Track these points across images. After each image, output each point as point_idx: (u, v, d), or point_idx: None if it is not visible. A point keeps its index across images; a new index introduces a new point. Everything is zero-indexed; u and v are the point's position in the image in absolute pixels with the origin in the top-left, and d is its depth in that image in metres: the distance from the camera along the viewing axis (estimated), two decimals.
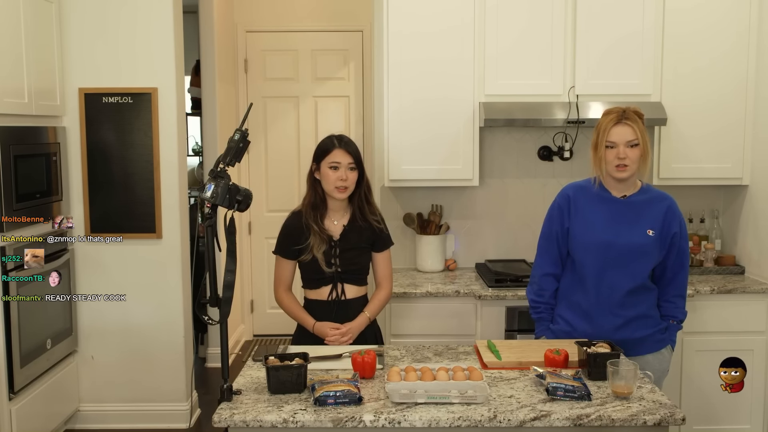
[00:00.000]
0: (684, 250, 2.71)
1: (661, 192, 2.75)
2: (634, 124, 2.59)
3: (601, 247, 2.65)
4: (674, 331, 2.77)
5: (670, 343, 2.76)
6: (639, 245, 2.63)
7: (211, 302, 2.25)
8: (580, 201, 2.72)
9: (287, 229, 2.90)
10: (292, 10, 5.73)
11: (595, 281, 2.67)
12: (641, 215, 2.66)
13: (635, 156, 2.59)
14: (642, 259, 2.65)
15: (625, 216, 2.66)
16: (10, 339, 3.38)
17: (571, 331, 2.72)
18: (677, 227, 2.67)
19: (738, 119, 3.76)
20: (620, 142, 2.58)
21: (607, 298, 2.66)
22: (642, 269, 2.65)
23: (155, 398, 4.17)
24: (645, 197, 2.69)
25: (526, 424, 2.05)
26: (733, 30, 3.71)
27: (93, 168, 4.01)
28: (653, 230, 2.64)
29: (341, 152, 2.80)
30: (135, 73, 3.99)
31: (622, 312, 2.66)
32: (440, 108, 3.70)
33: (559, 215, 2.75)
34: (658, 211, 2.66)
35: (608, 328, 2.66)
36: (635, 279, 2.65)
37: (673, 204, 2.70)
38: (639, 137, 2.59)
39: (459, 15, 3.66)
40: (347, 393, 2.11)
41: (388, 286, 2.99)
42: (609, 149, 2.60)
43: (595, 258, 2.66)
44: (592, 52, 3.66)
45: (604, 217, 2.67)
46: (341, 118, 5.83)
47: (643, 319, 2.69)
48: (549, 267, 2.80)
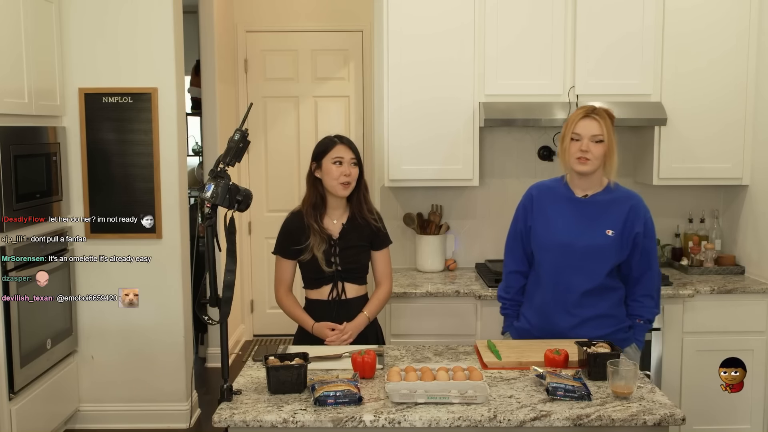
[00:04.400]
0: (649, 249, 2.69)
1: (627, 191, 2.74)
2: (601, 120, 2.60)
3: (559, 247, 2.66)
4: (640, 330, 2.74)
5: (634, 342, 2.73)
6: (597, 246, 2.63)
7: (211, 302, 2.25)
8: (544, 200, 2.75)
9: (287, 229, 2.90)
10: (292, 10, 5.73)
11: (552, 281, 2.69)
12: (602, 215, 2.65)
13: (598, 152, 2.60)
14: (600, 259, 2.64)
15: (586, 216, 2.66)
16: (10, 339, 3.38)
17: (530, 328, 2.75)
18: (641, 227, 2.65)
19: (738, 119, 3.76)
20: (585, 135, 2.60)
21: (563, 297, 2.67)
22: (599, 270, 2.64)
23: (155, 398, 4.17)
24: (609, 197, 2.68)
25: (526, 424, 2.05)
26: (733, 30, 3.71)
27: (93, 168, 4.01)
28: (613, 230, 2.63)
29: (344, 147, 2.82)
30: (135, 73, 3.99)
31: (578, 312, 2.66)
32: (440, 108, 3.70)
33: (523, 214, 2.80)
34: (621, 210, 2.65)
35: (564, 327, 2.67)
36: (592, 280, 2.64)
37: (638, 204, 2.69)
38: (604, 134, 2.59)
39: (459, 15, 3.67)
40: (347, 393, 2.11)
41: (388, 284, 2.99)
42: (573, 141, 2.62)
43: (553, 258, 2.68)
44: (592, 52, 3.66)
45: (564, 217, 2.68)
46: (341, 118, 5.83)
47: (601, 319, 2.67)
48: (515, 265, 2.83)
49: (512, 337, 2.84)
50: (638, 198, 2.72)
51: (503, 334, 2.91)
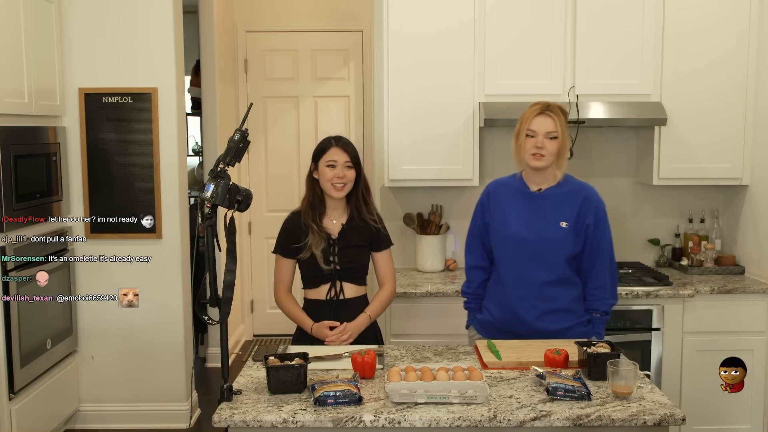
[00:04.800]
0: (599, 240, 2.74)
1: (581, 183, 2.80)
2: (556, 117, 2.68)
3: (515, 240, 2.74)
4: (599, 323, 2.79)
5: (594, 335, 2.78)
6: (552, 237, 2.70)
7: (211, 302, 2.25)
8: (499, 196, 2.83)
9: (287, 229, 2.91)
10: (292, 10, 5.73)
11: (512, 274, 2.76)
12: (555, 208, 2.73)
13: (553, 148, 2.67)
14: (556, 250, 2.70)
15: (539, 209, 2.73)
16: (10, 339, 3.38)
17: (493, 321, 2.83)
18: (591, 219, 2.71)
19: (738, 119, 3.76)
20: (540, 132, 2.67)
21: (523, 290, 2.74)
22: (557, 261, 2.71)
23: (155, 398, 4.17)
24: (562, 190, 2.75)
25: (526, 424, 2.06)
26: (733, 30, 3.71)
27: (93, 168, 4.01)
28: (567, 222, 2.71)
29: (338, 150, 2.82)
30: (135, 73, 3.99)
31: (539, 304, 2.72)
32: (440, 108, 3.70)
33: (480, 211, 2.88)
34: (573, 202, 2.72)
35: (525, 319, 2.74)
36: (551, 271, 2.71)
37: (591, 195, 2.75)
38: (559, 131, 2.67)
39: (459, 15, 3.66)
40: (347, 393, 2.11)
41: (391, 285, 2.99)
42: (529, 138, 2.69)
43: (511, 251, 2.76)
44: (592, 51, 3.66)
45: (519, 212, 2.76)
46: (341, 118, 5.83)
47: (560, 312, 2.73)
48: (475, 260, 2.92)
49: (476, 330, 2.92)
50: (591, 190, 2.78)
51: (467, 328, 2.99)
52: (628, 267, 3.90)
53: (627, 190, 4.10)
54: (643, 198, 4.11)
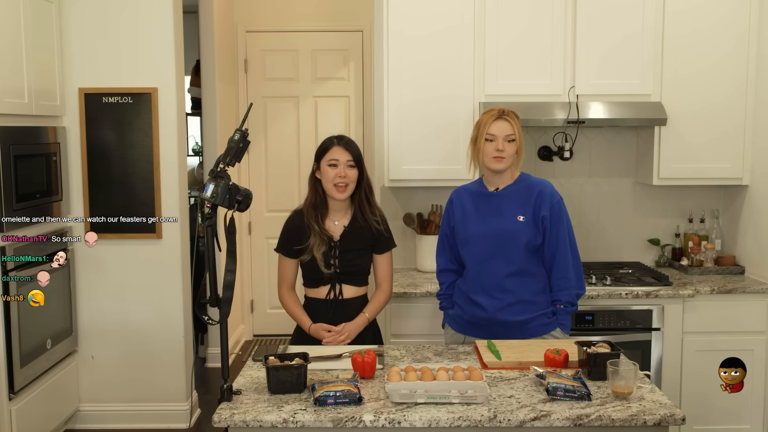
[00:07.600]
0: (555, 232, 2.82)
1: (537, 179, 2.91)
2: (512, 121, 2.82)
3: (476, 238, 2.85)
4: (563, 314, 2.86)
5: (559, 327, 2.84)
6: (510, 231, 2.80)
7: (211, 302, 2.25)
8: (461, 201, 2.96)
9: (289, 228, 2.91)
10: (292, 10, 5.74)
11: (476, 270, 2.86)
12: (512, 204, 2.84)
13: (511, 150, 2.81)
14: (515, 243, 2.80)
15: (497, 207, 2.85)
16: (10, 339, 3.39)
17: (462, 314, 2.93)
18: (546, 211, 2.81)
19: (738, 119, 3.76)
20: (500, 136, 2.79)
21: (486, 283, 2.84)
22: (516, 252, 2.80)
23: (155, 398, 4.17)
24: (518, 187, 2.87)
25: (526, 424, 2.06)
26: (733, 31, 3.71)
27: (93, 168, 4.01)
28: (524, 216, 2.81)
29: (340, 149, 2.81)
30: (135, 73, 3.99)
31: (501, 296, 2.82)
32: (440, 108, 3.70)
33: (446, 217, 3.02)
34: (529, 197, 2.83)
35: (489, 309, 2.83)
36: (511, 263, 2.80)
37: (546, 189, 2.85)
38: (516, 133, 2.81)
39: (459, 15, 3.66)
40: (347, 393, 2.11)
41: (388, 287, 2.99)
42: (488, 142, 2.81)
43: (473, 249, 2.87)
44: (593, 52, 3.66)
45: (479, 211, 2.88)
46: (341, 118, 5.83)
47: (523, 304, 2.82)
48: (445, 264, 3.04)
49: (450, 325, 3.01)
50: (547, 184, 2.89)
51: (443, 327, 3.07)
52: (628, 267, 3.90)
53: (627, 190, 4.10)
54: (643, 198, 4.11)
